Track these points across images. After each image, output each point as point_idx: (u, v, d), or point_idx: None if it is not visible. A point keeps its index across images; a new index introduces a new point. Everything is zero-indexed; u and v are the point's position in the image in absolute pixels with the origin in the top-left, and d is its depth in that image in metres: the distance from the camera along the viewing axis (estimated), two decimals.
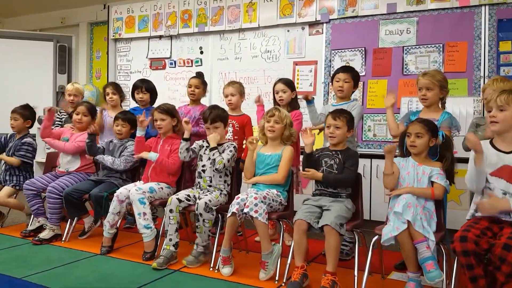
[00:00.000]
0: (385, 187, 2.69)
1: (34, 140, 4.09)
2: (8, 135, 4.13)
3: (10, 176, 3.95)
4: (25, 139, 4.00)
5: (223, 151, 3.16)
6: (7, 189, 3.86)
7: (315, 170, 2.84)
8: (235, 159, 3.22)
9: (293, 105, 3.53)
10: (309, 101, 3.39)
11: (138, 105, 4.09)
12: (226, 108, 3.69)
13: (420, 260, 2.32)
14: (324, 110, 3.41)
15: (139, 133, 3.40)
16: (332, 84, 3.41)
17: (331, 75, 3.42)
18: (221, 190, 3.17)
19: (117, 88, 4.07)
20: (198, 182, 3.25)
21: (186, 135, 3.24)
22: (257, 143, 3.06)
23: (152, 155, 3.32)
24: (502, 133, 2.27)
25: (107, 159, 3.53)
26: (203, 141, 3.31)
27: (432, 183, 2.54)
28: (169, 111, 3.42)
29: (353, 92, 3.42)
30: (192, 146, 3.27)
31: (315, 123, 3.48)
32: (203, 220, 2.95)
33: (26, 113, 4.04)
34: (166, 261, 2.96)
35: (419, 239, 2.32)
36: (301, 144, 4.34)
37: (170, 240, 3.03)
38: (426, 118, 2.68)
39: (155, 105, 3.92)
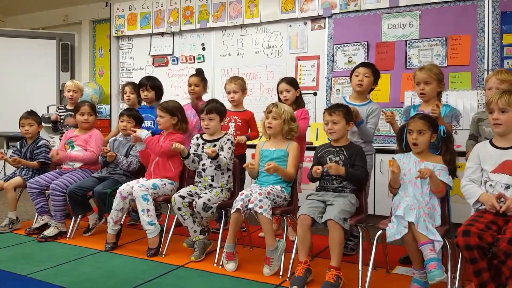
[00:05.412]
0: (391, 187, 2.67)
1: (47, 140, 4.10)
2: (19, 143, 4.09)
3: (27, 170, 3.93)
4: (40, 142, 3.98)
5: (221, 148, 3.16)
6: (18, 179, 3.85)
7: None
8: (233, 152, 3.21)
9: (298, 103, 3.52)
10: (359, 122, 3.05)
11: (144, 103, 4.09)
12: (229, 105, 3.70)
13: (424, 262, 2.31)
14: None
15: (139, 147, 3.44)
16: (350, 81, 3.28)
17: (350, 71, 3.29)
18: (222, 188, 3.16)
19: (135, 87, 4.14)
20: (199, 181, 3.22)
21: (183, 154, 3.13)
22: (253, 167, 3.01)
23: (142, 134, 3.32)
24: (506, 134, 2.30)
25: (122, 163, 3.54)
26: (198, 138, 3.29)
27: None
28: (169, 109, 3.38)
29: (372, 89, 3.28)
30: (192, 150, 3.23)
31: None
32: (201, 217, 3.03)
33: (38, 119, 4.06)
34: (202, 251, 3.06)
35: (423, 241, 2.30)
36: (307, 139, 4.37)
37: (195, 231, 3.08)
38: (426, 114, 2.66)
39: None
